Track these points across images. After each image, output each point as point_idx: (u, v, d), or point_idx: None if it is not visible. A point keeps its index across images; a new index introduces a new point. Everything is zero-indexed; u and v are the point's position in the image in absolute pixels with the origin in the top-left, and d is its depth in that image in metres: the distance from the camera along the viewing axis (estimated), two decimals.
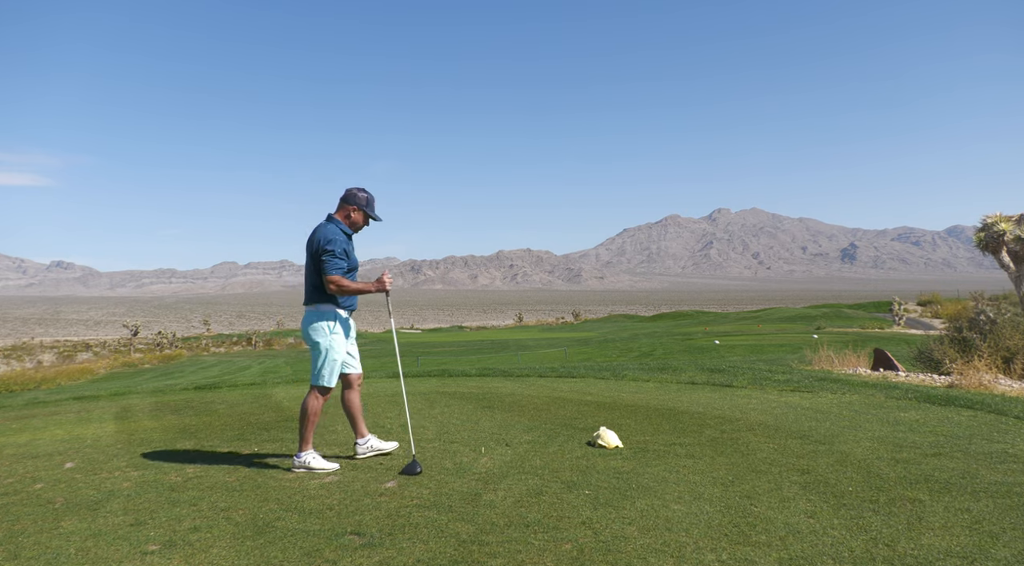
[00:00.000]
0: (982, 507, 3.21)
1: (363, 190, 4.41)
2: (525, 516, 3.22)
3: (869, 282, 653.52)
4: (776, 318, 61.32)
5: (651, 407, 6.32)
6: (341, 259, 4.22)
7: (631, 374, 9.24)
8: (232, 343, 56.93)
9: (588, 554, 2.74)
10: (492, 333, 63.68)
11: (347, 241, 4.32)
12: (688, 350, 29.51)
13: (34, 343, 70.61)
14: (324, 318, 4.29)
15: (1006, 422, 5.26)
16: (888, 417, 5.56)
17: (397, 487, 3.80)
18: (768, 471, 3.93)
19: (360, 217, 4.40)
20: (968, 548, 2.71)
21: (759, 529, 2.98)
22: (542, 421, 5.73)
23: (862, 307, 68.51)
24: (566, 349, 32.71)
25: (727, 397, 6.93)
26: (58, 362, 41.80)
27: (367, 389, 8.50)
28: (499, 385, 8.49)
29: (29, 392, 20.34)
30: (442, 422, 5.73)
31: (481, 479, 3.90)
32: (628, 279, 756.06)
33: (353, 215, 4.39)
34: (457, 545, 2.88)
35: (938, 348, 11.69)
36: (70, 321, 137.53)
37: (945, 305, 46.25)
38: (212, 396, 8.65)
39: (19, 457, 5.06)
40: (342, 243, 4.24)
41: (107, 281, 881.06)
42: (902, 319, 45.45)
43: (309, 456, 4.25)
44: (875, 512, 3.17)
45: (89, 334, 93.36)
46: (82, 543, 3.06)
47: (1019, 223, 14.37)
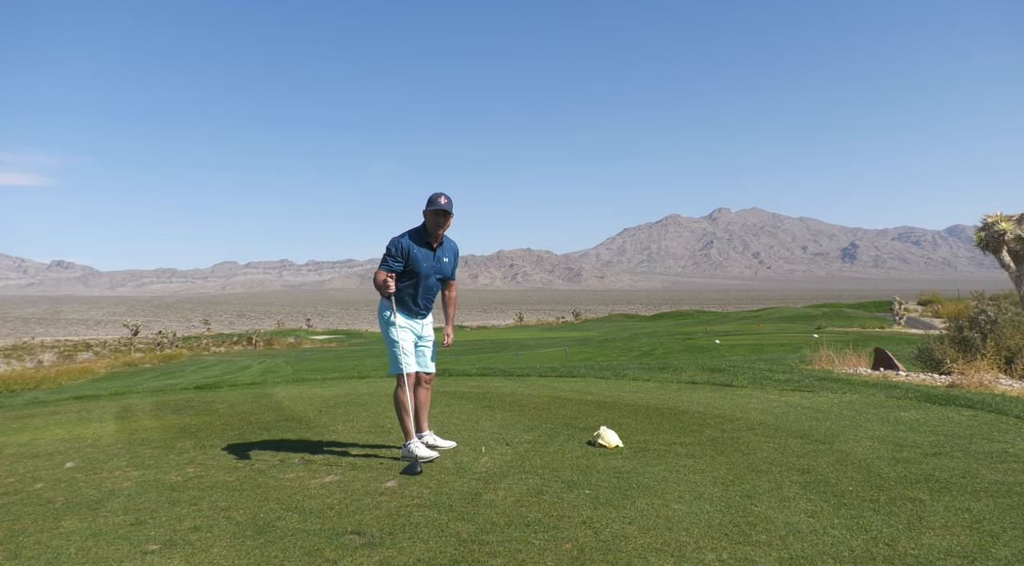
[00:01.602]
0: (982, 506, 3.21)
1: (435, 193, 4.53)
2: (525, 515, 3.22)
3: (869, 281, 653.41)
4: (776, 317, 61.28)
5: (651, 406, 6.32)
6: (392, 259, 4.47)
7: (631, 374, 9.24)
8: (232, 343, 56.92)
9: (588, 553, 2.74)
10: (492, 333, 63.67)
11: (413, 245, 4.50)
12: (688, 350, 29.49)
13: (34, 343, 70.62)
14: (380, 310, 4.64)
15: (1006, 422, 5.26)
16: (888, 417, 5.56)
17: (397, 487, 3.80)
18: (768, 471, 3.93)
19: (428, 216, 4.51)
20: (968, 547, 2.71)
21: (759, 528, 2.98)
22: (542, 421, 5.73)
23: (862, 307, 68.45)
24: (566, 349, 32.71)
25: (727, 396, 6.93)
26: (58, 362, 41.78)
27: (368, 388, 8.50)
28: (499, 385, 8.49)
29: (29, 392, 20.35)
30: (442, 422, 5.73)
31: (481, 479, 3.90)
32: (628, 279, 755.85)
33: (425, 217, 4.54)
34: (457, 544, 2.88)
35: (938, 348, 11.69)
36: (70, 321, 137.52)
37: (946, 304, 46.21)
38: (212, 396, 8.65)
39: (19, 456, 5.06)
40: (399, 246, 4.47)
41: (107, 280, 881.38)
42: (902, 319, 45.42)
43: (411, 444, 4.37)
44: (875, 511, 3.17)
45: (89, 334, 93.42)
46: (82, 543, 3.06)
47: (1020, 222, 14.35)
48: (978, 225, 15.03)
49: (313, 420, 6.12)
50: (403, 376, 4.48)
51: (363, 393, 7.97)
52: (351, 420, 6.05)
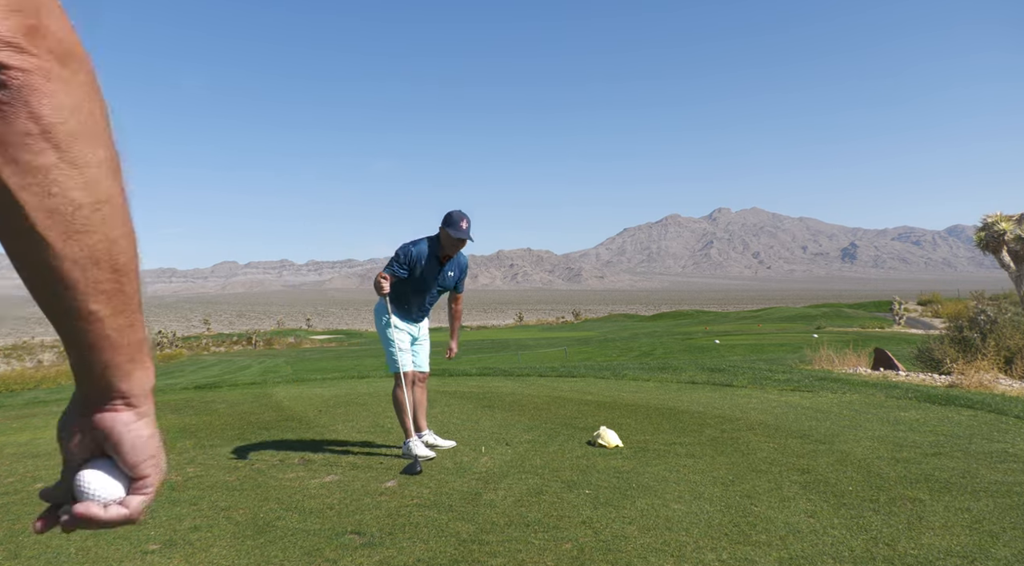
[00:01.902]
0: (982, 506, 3.20)
1: (458, 213, 4.54)
2: (525, 515, 3.22)
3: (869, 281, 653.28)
4: (776, 317, 61.28)
5: (651, 406, 6.32)
6: (398, 265, 4.51)
7: (631, 373, 9.24)
8: (232, 342, 56.91)
9: (588, 553, 2.74)
10: (492, 332, 63.66)
11: (423, 256, 4.52)
12: (688, 349, 29.49)
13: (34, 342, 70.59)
14: (377, 310, 4.74)
15: (1006, 422, 5.26)
16: (888, 417, 5.56)
17: (397, 487, 3.80)
18: (768, 470, 3.93)
19: (444, 237, 4.53)
20: (968, 547, 2.71)
21: (759, 528, 2.98)
22: (542, 420, 5.73)
23: (862, 307, 68.45)
24: (566, 349, 32.71)
25: (727, 396, 6.93)
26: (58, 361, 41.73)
27: (368, 388, 8.49)
28: (499, 384, 8.49)
29: (29, 391, 20.33)
30: (442, 422, 5.73)
31: (481, 478, 3.90)
32: (628, 278, 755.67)
33: (440, 234, 4.57)
34: (457, 544, 2.88)
35: (938, 348, 11.69)
36: None
37: (945, 304, 46.19)
38: (212, 395, 8.65)
39: (20, 456, 5.06)
40: (407, 254, 4.51)
41: None
42: (902, 319, 45.42)
43: (411, 443, 4.40)
44: (875, 511, 3.17)
45: None
46: (82, 542, 3.06)
47: (1019, 222, 14.36)
48: (978, 225, 15.04)
49: (313, 420, 6.12)
50: (400, 374, 4.50)
51: (363, 393, 7.97)
52: (351, 420, 6.05)
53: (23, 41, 0.53)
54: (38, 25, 0.54)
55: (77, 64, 0.58)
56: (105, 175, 0.60)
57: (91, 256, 0.59)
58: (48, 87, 0.55)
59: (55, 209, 0.56)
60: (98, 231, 0.59)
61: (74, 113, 0.56)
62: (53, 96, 0.55)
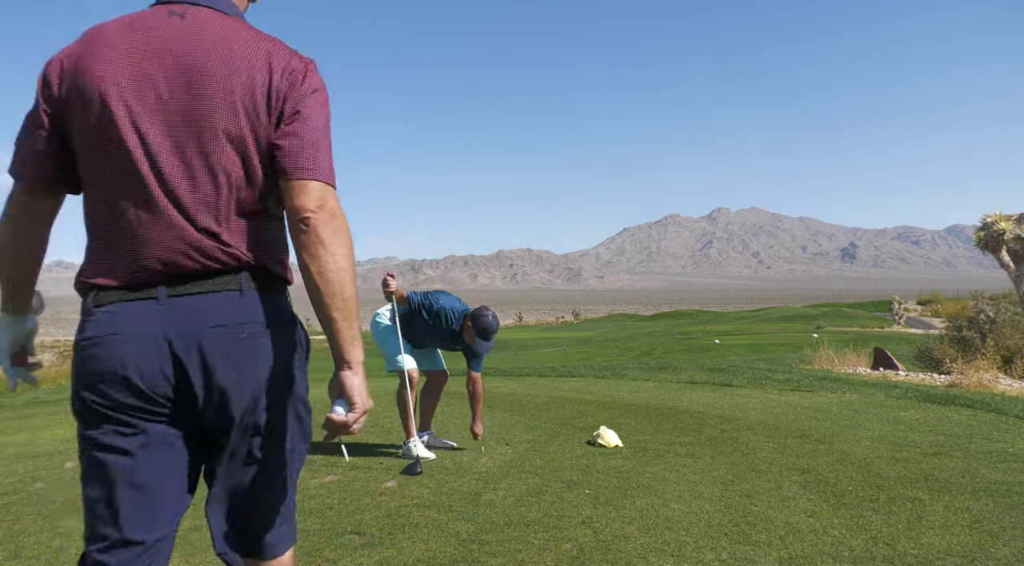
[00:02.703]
0: (982, 506, 3.21)
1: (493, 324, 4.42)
2: (525, 515, 3.22)
3: (869, 281, 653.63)
4: (776, 317, 61.31)
5: (651, 406, 6.32)
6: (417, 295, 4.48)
7: (631, 373, 9.24)
8: None
9: (588, 553, 2.74)
10: None
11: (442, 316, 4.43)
12: (688, 349, 29.51)
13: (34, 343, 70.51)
14: (376, 316, 4.76)
15: (1006, 421, 5.26)
16: (888, 416, 5.56)
17: (397, 487, 3.80)
18: (768, 470, 3.93)
19: (468, 333, 4.43)
20: (968, 547, 2.71)
21: (759, 528, 2.98)
22: (542, 420, 5.73)
23: (862, 306, 68.52)
24: (566, 349, 32.72)
25: (727, 396, 6.93)
26: (58, 362, 41.75)
27: (369, 388, 8.49)
28: (499, 384, 8.49)
29: (29, 392, 20.32)
30: (442, 422, 5.73)
31: (481, 478, 3.90)
32: (628, 278, 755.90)
33: (465, 327, 4.45)
34: (457, 544, 2.88)
35: (938, 347, 11.70)
36: (71, 321, 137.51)
37: (945, 304, 46.22)
38: None
39: (19, 456, 5.05)
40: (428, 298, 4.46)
41: None
42: (902, 318, 45.45)
43: (411, 443, 4.41)
44: (875, 511, 3.17)
45: None
46: (82, 543, 3.06)
47: (1019, 222, 14.37)
48: (978, 225, 15.04)
49: (313, 420, 6.11)
50: (404, 373, 4.48)
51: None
52: None
53: (316, 208, 1.29)
54: (324, 204, 1.30)
55: (339, 220, 1.32)
56: (349, 259, 1.33)
57: (340, 295, 1.31)
58: (324, 224, 1.29)
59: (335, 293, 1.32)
60: (347, 289, 1.32)
61: (335, 234, 1.30)
62: (326, 226, 1.29)
